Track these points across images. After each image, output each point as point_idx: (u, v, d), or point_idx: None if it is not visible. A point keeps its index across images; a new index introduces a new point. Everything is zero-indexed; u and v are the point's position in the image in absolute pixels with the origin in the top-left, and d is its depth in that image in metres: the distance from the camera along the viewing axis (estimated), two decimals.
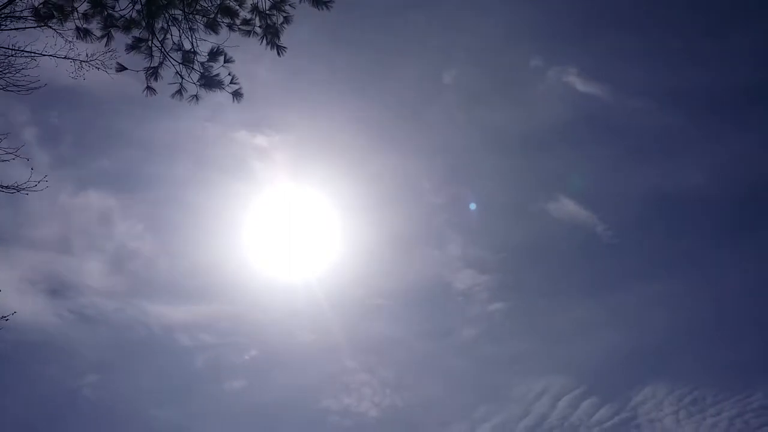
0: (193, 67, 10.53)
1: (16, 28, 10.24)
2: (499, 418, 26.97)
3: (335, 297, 27.53)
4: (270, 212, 27.74)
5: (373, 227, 28.48)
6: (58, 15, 9.65)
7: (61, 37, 10.36)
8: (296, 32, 10.85)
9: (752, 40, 28.08)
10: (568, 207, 29.60)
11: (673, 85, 29.83)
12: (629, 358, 28.67)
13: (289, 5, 10.41)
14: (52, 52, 11.16)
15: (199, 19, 10.42)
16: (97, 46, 10.65)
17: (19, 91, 10.61)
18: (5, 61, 10.59)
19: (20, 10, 10.06)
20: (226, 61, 10.48)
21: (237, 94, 10.48)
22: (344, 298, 27.85)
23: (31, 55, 10.68)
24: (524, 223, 31.06)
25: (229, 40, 10.47)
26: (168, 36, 10.40)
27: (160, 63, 10.46)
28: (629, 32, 29.27)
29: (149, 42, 10.30)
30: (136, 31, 10.26)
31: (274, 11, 10.48)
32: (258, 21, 10.40)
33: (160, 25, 10.36)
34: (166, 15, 10.28)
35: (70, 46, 10.64)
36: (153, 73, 10.35)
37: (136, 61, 10.51)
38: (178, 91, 10.56)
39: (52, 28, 10.09)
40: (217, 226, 27.95)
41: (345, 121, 28.27)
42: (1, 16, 9.92)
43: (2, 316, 11.93)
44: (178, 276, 28.83)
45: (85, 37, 9.99)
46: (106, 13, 10.10)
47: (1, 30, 10.16)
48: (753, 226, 30.09)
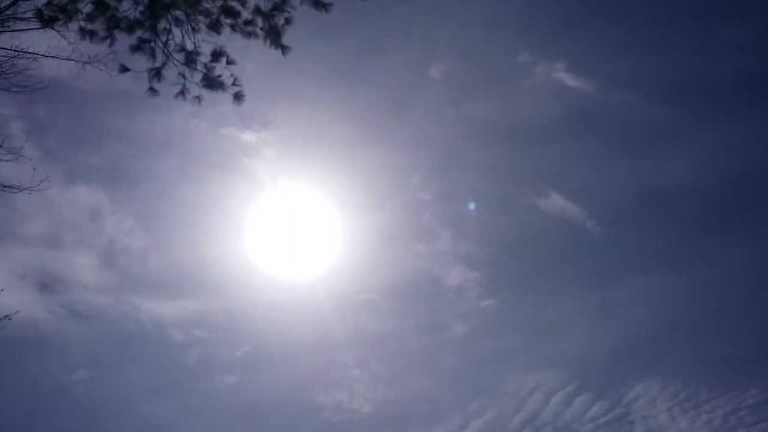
0: (196, 68, 10.62)
1: (19, 30, 10.31)
2: (492, 413, 27.09)
3: (327, 292, 27.52)
4: (259, 208, 27.67)
5: (363, 222, 28.46)
6: (62, 17, 9.70)
7: (63, 38, 10.47)
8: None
9: (742, 32, 27.79)
10: (557, 202, 29.76)
11: (663, 79, 29.73)
12: (622, 354, 28.65)
13: (290, 6, 10.54)
14: (49, 53, 11.28)
15: (202, 20, 10.52)
16: (99, 47, 10.74)
17: (23, 92, 10.68)
18: (8, 62, 10.66)
19: (23, 12, 10.16)
20: (228, 63, 10.59)
21: (238, 96, 10.58)
22: (336, 294, 27.81)
23: (34, 56, 10.75)
24: (514, 218, 31.12)
25: (232, 42, 10.59)
26: (170, 37, 10.49)
27: (163, 64, 10.55)
28: (617, 26, 29.07)
29: (152, 43, 10.39)
30: (139, 32, 10.34)
31: (275, 12, 10.60)
32: (260, 22, 10.51)
33: (163, 26, 10.46)
34: (169, 16, 10.37)
35: (73, 48, 10.76)
36: (156, 74, 10.43)
37: (137, 62, 10.63)
38: (181, 92, 10.64)
39: (55, 30, 10.16)
40: (207, 221, 27.81)
41: (332, 116, 28.20)
42: (4, 18, 10.00)
43: (5, 315, 12.02)
44: (169, 271, 28.75)
45: (89, 38, 10.04)
46: (110, 14, 10.17)
47: (4, 31, 10.23)
48: (746, 219, 29.98)
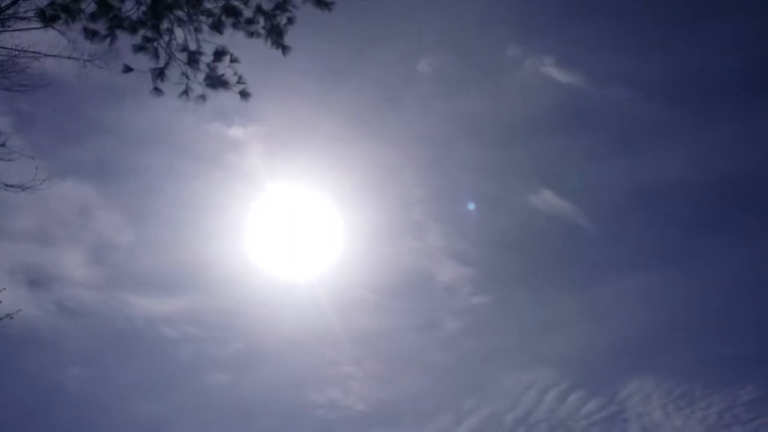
0: (199, 68, 10.63)
1: (20, 29, 10.26)
2: (486, 410, 27.25)
3: (319, 289, 27.61)
4: (249, 205, 27.68)
5: (354, 219, 28.51)
6: (65, 16, 9.66)
7: (64, 37, 10.42)
8: None
9: (734, 28, 28.17)
10: (549, 198, 29.95)
11: (657, 75, 30.05)
12: (616, 351, 28.95)
13: (293, 6, 10.56)
14: (50, 52, 11.22)
15: (204, 20, 10.52)
16: (99, 47, 10.71)
17: (24, 91, 10.64)
18: (9, 61, 10.60)
19: (23, 11, 10.10)
20: (231, 61, 10.59)
21: (244, 94, 10.60)
22: (328, 291, 27.89)
23: (35, 55, 10.69)
24: (506, 215, 31.36)
25: (234, 42, 10.59)
26: (173, 37, 10.48)
27: (166, 64, 10.54)
28: (608, 21, 29.25)
29: (155, 43, 10.37)
30: (142, 32, 10.32)
31: (277, 11, 10.61)
32: (263, 22, 10.52)
33: (165, 26, 10.45)
34: (172, 16, 10.36)
35: (73, 47, 10.71)
36: (159, 74, 10.42)
37: (139, 62, 10.61)
38: (184, 91, 10.64)
39: (57, 29, 10.12)
40: (196, 218, 27.86)
41: (321, 111, 28.19)
42: (5, 17, 9.93)
43: (6, 314, 12.00)
44: (160, 268, 28.73)
45: (92, 38, 10.01)
46: (112, 14, 10.14)
47: (5, 31, 10.16)
48: (741, 218, 30.40)
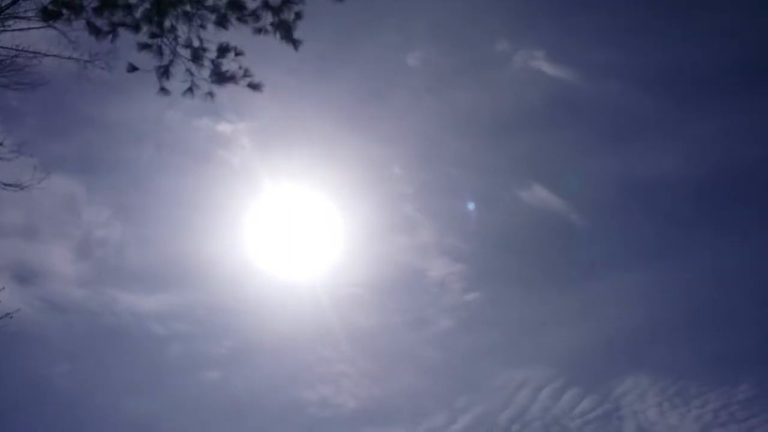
0: (203, 64, 10.43)
1: (20, 29, 10.03)
2: (479, 408, 27.03)
3: (309, 286, 27.26)
4: (237, 201, 27.30)
5: (343, 215, 28.17)
6: (67, 12, 9.43)
7: (65, 36, 10.20)
8: None
9: (726, 20, 27.33)
10: (541, 194, 29.83)
11: (648, 68, 29.32)
12: (611, 349, 28.27)
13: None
14: (50, 51, 11.00)
15: (208, 16, 10.33)
16: (99, 46, 10.51)
17: (24, 89, 10.42)
18: (9, 60, 10.36)
19: (23, 11, 9.87)
20: (237, 55, 10.40)
21: (254, 86, 10.37)
22: (318, 287, 27.49)
23: (35, 54, 10.46)
24: (497, 210, 31.11)
25: (239, 37, 10.40)
26: (177, 34, 10.28)
27: (171, 61, 10.33)
28: (599, 14, 28.59)
29: (159, 40, 10.16)
30: (145, 28, 10.11)
31: (284, 6, 10.43)
32: (270, 17, 10.33)
33: (169, 23, 10.24)
34: (176, 12, 10.15)
35: (74, 46, 10.50)
36: (165, 72, 10.21)
37: (141, 60, 10.40)
38: (189, 88, 10.44)
39: (57, 29, 9.90)
40: (184, 213, 27.43)
41: (309, 107, 27.73)
42: (5, 17, 9.69)
43: (6, 313, 11.79)
44: (148, 264, 28.23)
45: (95, 35, 9.78)
46: (115, 11, 9.92)
47: (5, 30, 9.92)
48: (736, 213, 29.78)
